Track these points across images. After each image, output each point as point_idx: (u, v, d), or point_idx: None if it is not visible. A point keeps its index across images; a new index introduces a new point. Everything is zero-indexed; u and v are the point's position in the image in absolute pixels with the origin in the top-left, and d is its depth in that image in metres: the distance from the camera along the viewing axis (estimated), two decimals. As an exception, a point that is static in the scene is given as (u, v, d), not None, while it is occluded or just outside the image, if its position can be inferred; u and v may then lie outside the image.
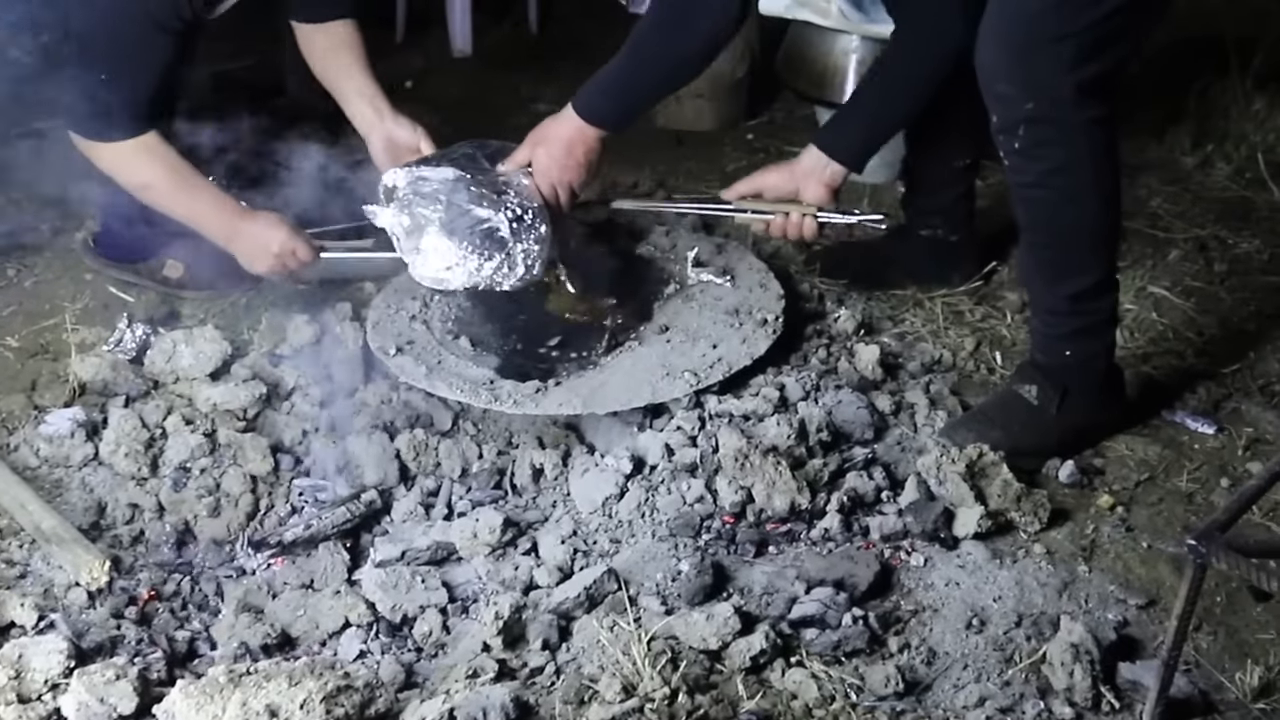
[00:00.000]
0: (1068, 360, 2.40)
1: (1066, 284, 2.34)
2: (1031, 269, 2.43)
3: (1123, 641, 2.02)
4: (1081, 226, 2.30)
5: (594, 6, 4.52)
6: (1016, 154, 2.22)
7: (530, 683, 1.93)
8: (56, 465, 2.41)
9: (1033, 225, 2.34)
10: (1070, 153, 2.21)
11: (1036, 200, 2.29)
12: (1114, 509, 2.32)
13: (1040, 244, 2.36)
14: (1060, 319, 2.38)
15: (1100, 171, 2.26)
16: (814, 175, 2.58)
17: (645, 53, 2.58)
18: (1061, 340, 2.40)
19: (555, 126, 2.61)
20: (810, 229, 2.60)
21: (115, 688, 1.82)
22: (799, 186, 2.59)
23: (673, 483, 2.27)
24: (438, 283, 2.57)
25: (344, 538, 2.25)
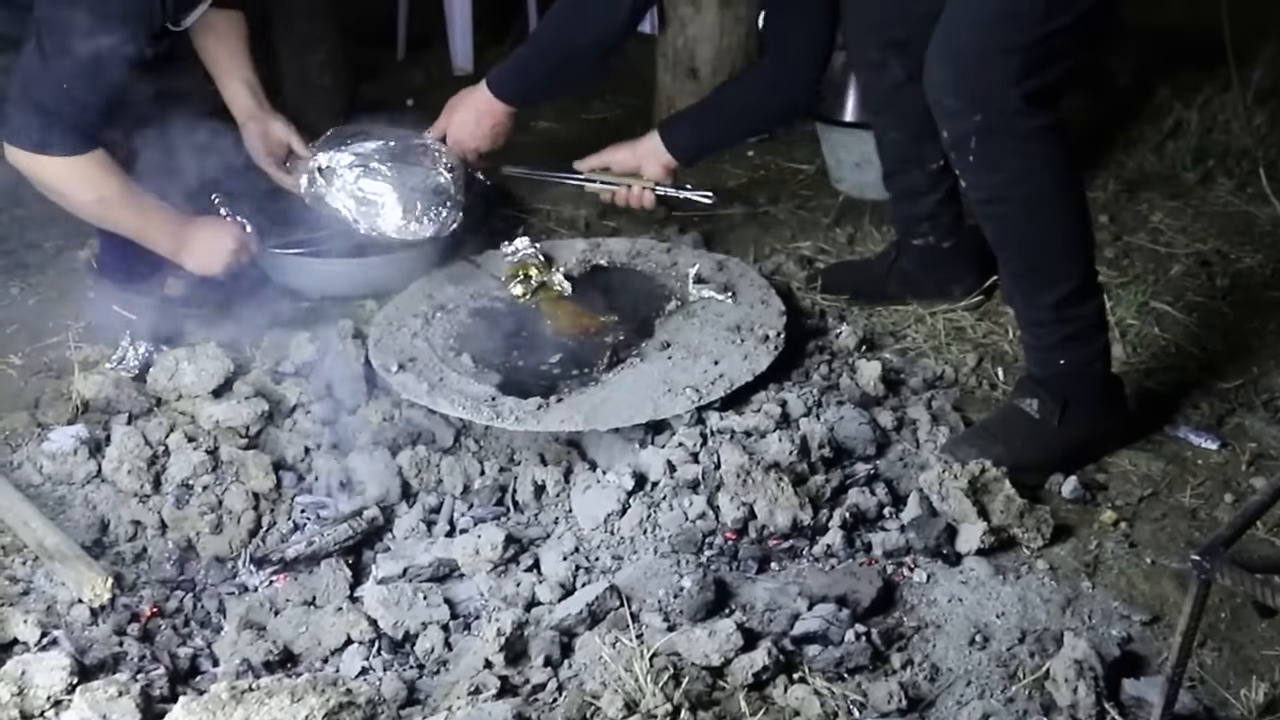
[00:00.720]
0: (1063, 369, 2.40)
1: (1045, 293, 2.35)
2: (1010, 285, 2.43)
3: (1127, 658, 2.02)
4: (1048, 234, 2.31)
5: (595, 25, 4.54)
6: (971, 169, 2.24)
7: (532, 699, 1.92)
8: (60, 482, 2.41)
9: (1000, 241, 2.35)
10: (1022, 162, 2.22)
11: (998, 215, 2.30)
12: (1117, 524, 2.32)
13: (1012, 258, 2.37)
14: (1047, 329, 2.39)
15: (1058, 177, 2.26)
16: (653, 157, 2.89)
17: (544, 43, 2.86)
18: (1052, 350, 2.40)
19: (469, 97, 2.90)
20: (648, 199, 2.92)
21: (118, 704, 1.81)
22: (640, 164, 2.91)
23: (675, 499, 2.27)
24: (404, 233, 2.85)
25: (346, 554, 2.25)
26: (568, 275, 2.90)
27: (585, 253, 3.05)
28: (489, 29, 4.51)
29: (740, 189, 3.59)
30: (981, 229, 2.38)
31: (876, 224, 3.36)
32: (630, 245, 3.09)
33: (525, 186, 3.56)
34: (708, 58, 3.74)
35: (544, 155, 3.71)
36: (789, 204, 3.47)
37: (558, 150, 3.80)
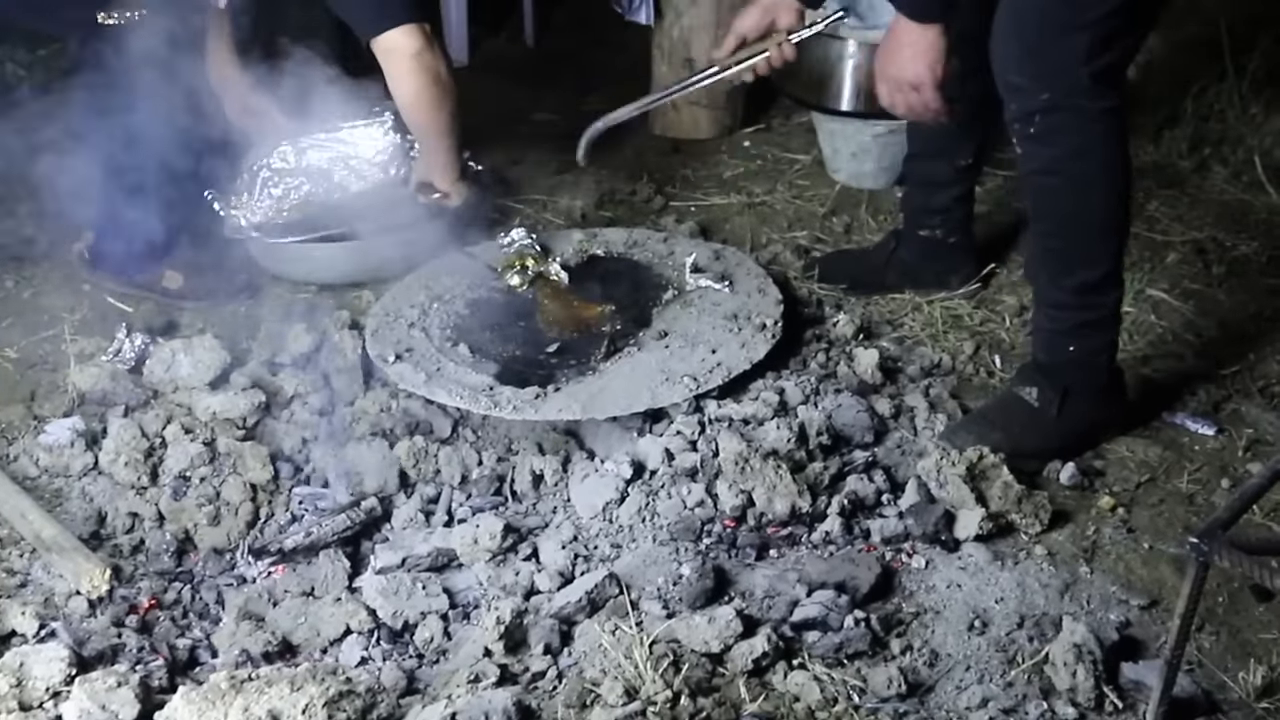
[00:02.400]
0: (1071, 356, 2.40)
1: (1073, 275, 2.35)
2: (1039, 261, 2.43)
3: (1125, 642, 2.02)
4: (1091, 216, 2.31)
5: (589, 17, 4.54)
6: (1030, 140, 2.24)
7: (532, 687, 1.93)
8: (56, 475, 2.41)
9: (1042, 214, 2.34)
10: (1084, 140, 2.22)
11: (1048, 187, 2.29)
12: (1115, 510, 2.32)
13: (1049, 233, 2.36)
14: (1065, 313, 2.38)
15: (1111, 161, 2.27)
16: (780, 4, 2.62)
17: None
18: (1065, 335, 2.40)
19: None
20: (790, 52, 2.63)
21: (117, 695, 1.81)
22: (773, 19, 2.63)
23: (673, 487, 2.27)
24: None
25: (344, 545, 2.25)
26: (564, 265, 2.89)
27: (582, 243, 3.05)
28: (484, 22, 4.50)
29: (736, 179, 3.59)
30: (1023, 199, 2.38)
31: (873, 213, 3.36)
32: (627, 235, 3.09)
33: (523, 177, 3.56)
34: (704, 48, 3.72)
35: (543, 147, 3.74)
36: (786, 193, 3.47)
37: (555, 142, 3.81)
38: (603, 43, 4.50)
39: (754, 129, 3.87)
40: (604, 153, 3.75)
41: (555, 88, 4.21)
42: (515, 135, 3.86)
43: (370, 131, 3.15)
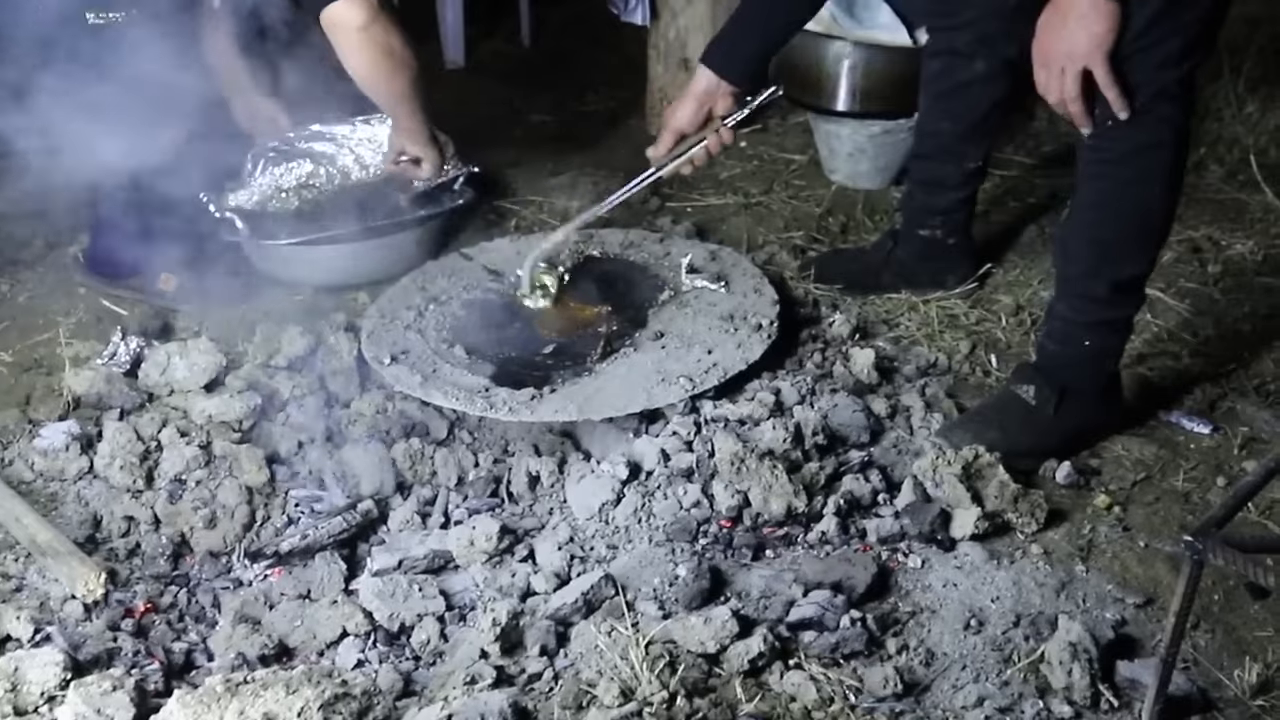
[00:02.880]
0: (1084, 350, 2.41)
1: (1114, 269, 2.34)
2: (1081, 250, 2.38)
3: (1121, 640, 2.02)
4: (1149, 213, 2.30)
5: (586, 19, 4.55)
6: (1110, 131, 2.21)
7: (529, 689, 1.93)
8: (51, 479, 2.41)
9: (1100, 203, 2.32)
10: (1162, 135, 2.21)
11: (1119, 178, 2.26)
12: (1111, 509, 2.32)
13: (1102, 223, 2.33)
14: (1092, 306, 2.38)
15: (1177, 162, 2.27)
16: (716, 94, 2.61)
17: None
18: (1085, 329, 2.40)
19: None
20: (728, 136, 2.65)
21: (112, 699, 1.81)
22: (709, 108, 2.62)
23: (669, 488, 2.27)
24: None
25: (340, 547, 2.25)
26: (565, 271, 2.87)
27: (578, 244, 3.05)
28: (481, 23, 4.51)
29: (733, 179, 3.59)
30: (1083, 183, 2.34)
31: (869, 213, 3.36)
32: (623, 236, 3.09)
33: (519, 178, 3.56)
34: (700, 48, 3.71)
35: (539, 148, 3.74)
36: (782, 194, 3.47)
37: (551, 143, 3.82)
38: (599, 43, 4.51)
39: (750, 130, 3.86)
40: (600, 154, 3.77)
41: (551, 89, 4.23)
42: (511, 136, 3.87)
43: (380, 127, 3.16)
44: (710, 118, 2.62)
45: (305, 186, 3.02)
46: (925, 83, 2.84)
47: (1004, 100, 2.80)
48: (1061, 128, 3.58)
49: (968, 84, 2.75)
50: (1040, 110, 3.70)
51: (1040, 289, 2.97)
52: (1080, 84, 2.15)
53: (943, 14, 2.76)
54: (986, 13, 2.66)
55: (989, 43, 2.68)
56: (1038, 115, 3.72)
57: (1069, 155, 3.53)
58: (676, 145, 2.65)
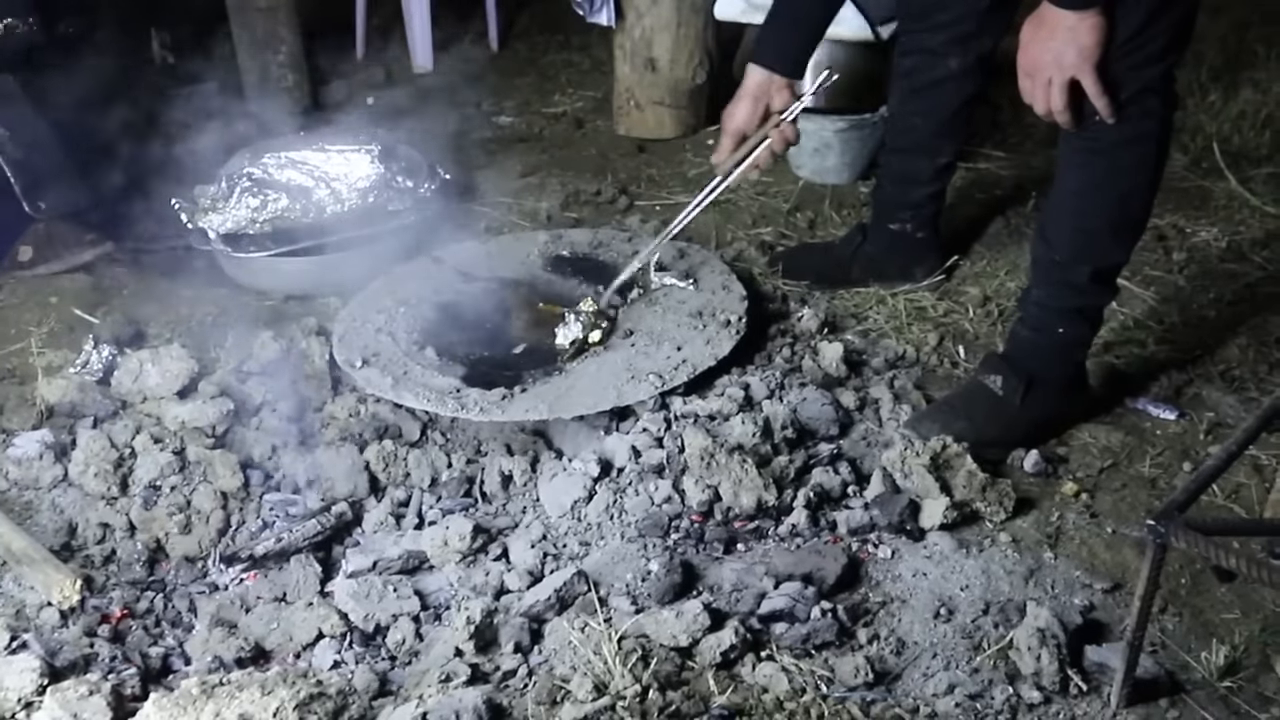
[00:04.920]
0: (1056, 339, 2.43)
1: (1096, 258, 2.37)
2: (1063, 238, 2.39)
3: (1089, 625, 2.05)
4: (1131, 201, 2.33)
5: (553, 22, 4.57)
6: (1094, 124, 2.22)
7: (503, 685, 1.94)
8: (26, 487, 2.41)
9: (1083, 191, 2.33)
10: (1147, 128, 2.23)
11: (1099, 167, 2.28)
12: (1078, 496, 2.35)
13: (1089, 212, 2.34)
14: (1070, 293, 2.40)
15: (1161, 153, 2.30)
16: (771, 87, 2.56)
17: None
18: (1059, 316, 2.42)
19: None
20: (791, 133, 2.58)
21: (89, 703, 1.82)
22: (766, 104, 2.57)
23: (640, 484, 2.28)
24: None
25: (315, 550, 2.26)
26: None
27: (547, 244, 3.06)
28: (448, 27, 4.51)
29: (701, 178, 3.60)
30: (1067, 172, 2.35)
31: (836, 208, 3.38)
32: (592, 235, 3.11)
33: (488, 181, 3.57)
34: (666, 47, 3.76)
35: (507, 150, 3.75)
36: (749, 190, 3.49)
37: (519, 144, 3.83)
38: (566, 45, 4.53)
39: (717, 127, 3.85)
40: (569, 155, 3.79)
41: (519, 91, 4.24)
42: (480, 139, 3.88)
43: (356, 158, 3.13)
44: (768, 115, 2.57)
45: (279, 218, 3.02)
46: (897, 79, 2.85)
47: (976, 96, 2.82)
48: (1026, 119, 3.61)
49: (941, 81, 2.76)
50: (1005, 102, 3.73)
51: (1007, 280, 3.00)
52: (1067, 94, 2.17)
53: (916, 14, 2.76)
54: (960, 13, 2.67)
55: (962, 41, 2.69)
56: (1003, 108, 3.75)
57: (1034, 147, 3.61)
58: (737, 147, 2.60)
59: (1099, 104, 2.17)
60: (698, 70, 3.81)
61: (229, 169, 3.08)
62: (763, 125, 2.57)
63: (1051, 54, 2.14)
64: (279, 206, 3.01)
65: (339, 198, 3.06)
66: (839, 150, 3.44)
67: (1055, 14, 2.12)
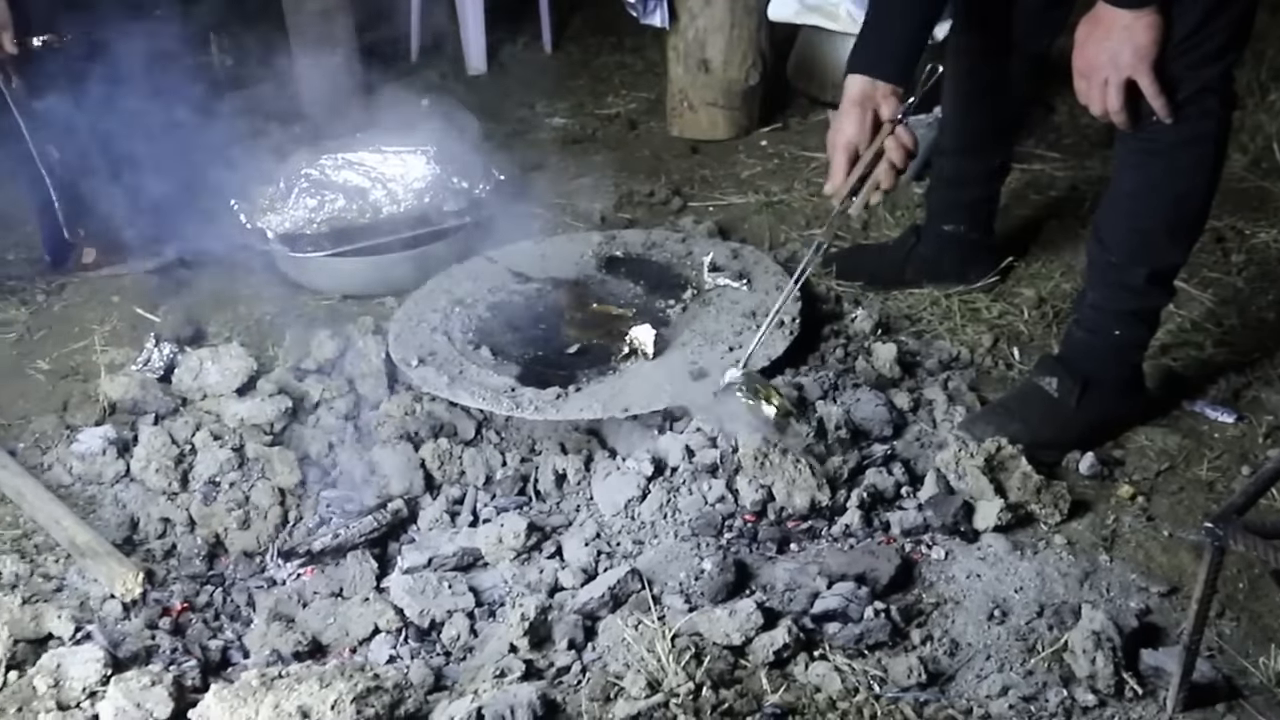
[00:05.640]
0: (1112, 340, 2.41)
1: (1153, 260, 2.35)
2: (1119, 239, 2.36)
3: (1145, 629, 2.03)
4: (1189, 202, 2.30)
5: (606, 24, 4.59)
6: (1152, 124, 2.20)
7: (557, 682, 1.95)
8: (89, 482, 2.46)
9: (1139, 192, 2.31)
10: (1205, 128, 2.21)
11: (1156, 168, 2.26)
12: (1135, 499, 2.33)
13: (1145, 213, 2.32)
14: (1126, 295, 2.38)
15: (1219, 154, 2.27)
16: (875, 95, 2.33)
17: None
18: (1115, 318, 2.40)
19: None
20: (909, 139, 2.33)
21: (151, 693, 1.85)
22: (874, 111, 2.34)
23: (694, 483, 2.29)
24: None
25: (371, 546, 2.28)
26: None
27: (601, 245, 3.08)
28: (502, 29, 4.55)
29: (753, 179, 3.61)
30: (1123, 173, 2.33)
31: (890, 209, 3.37)
32: (646, 236, 3.12)
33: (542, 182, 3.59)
34: (719, 48, 3.77)
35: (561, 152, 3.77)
36: (803, 191, 3.49)
37: (573, 145, 3.85)
38: (619, 47, 4.55)
39: (771, 128, 3.90)
40: (622, 156, 3.80)
41: (573, 92, 4.26)
42: (534, 140, 3.90)
43: (412, 159, 3.19)
44: (878, 125, 2.34)
45: (336, 219, 3.06)
46: (951, 80, 2.79)
47: (1031, 98, 2.80)
48: (1082, 120, 3.58)
49: (995, 83, 2.74)
50: (1060, 103, 3.70)
51: (1062, 281, 2.98)
52: (1124, 95, 2.14)
53: (971, 14, 2.75)
54: (1017, 14, 2.65)
55: (1018, 42, 2.68)
56: (1058, 108, 3.72)
57: (1089, 148, 3.59)
58: (851, 167, 2.35)
59: (1156, 104, 2.15)
60: (751, 71, 3.81)
61: (287, 170, 3.12)
62: (874, 139, 2.33)
63: (1107, 54, 2.13)
64: (336, 207, 3.06)
65: (395, 198, 3.10)
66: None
67: (1111, 13, 2.11)
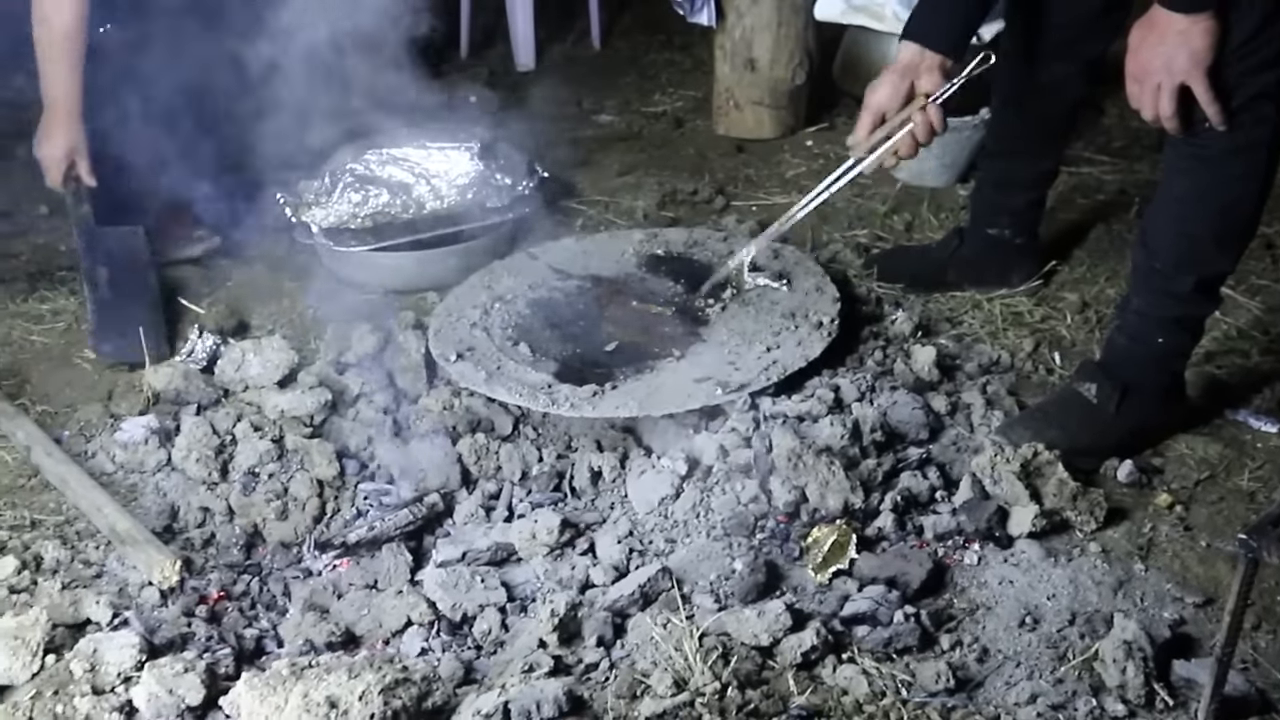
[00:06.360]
0: (1155, 348, 2.39)
1: (1199, 267, 2.32)
2: (1166, 245, 2.33)
3: (1178, 639, 2.02)
4: (1239, 209, 2.27)
5: (655, 21, 4.59)
6: (1204, 130, 2.17)
7: (585, 678, 1.97)
8: (132, 470, 2.50)
9: (1189, 198, 2.28)
10: (1259, 135, 2.18)
11: (1207, 174, 2.23)
12: (1173, 508, 2.31)
13: (1195, 218, 2.29)
14: (1170, 302, 2.35)
15: (1272, 161, 2.24)
16: (920, 65, 2.40)
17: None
18: (1159, 326, 2.38)
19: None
20: (937, 118, 2.41)
21: (184, 680, 1.88)
22: (912, 83, 2.41)
23: (727, 483, 2.29)
24: None
25: (407, 539, 2.30)
26: None
27: (642, 243, 3.08)
28: (551, 26, 4.56)
29: (799, 179, 3.60)
30: (1172, 178, 2.30)
31: (934, 211, 3.35)
32: (687, 235, 3.12)
33: (586, 179, 3.61)
34: (766, 47, 3.76)
35: (606, 149, 3.78)
36: (847, 192, 3.47)
37: (618, 143, 3.85)
38: (668, 44, 4.55)
39: (817, 128, 3.89)
40: (667, 154, 3.81)
41: (620, 90, 4.27)
42: (579, 138, 3.91)
43: (456, 155, 3.20)
44: (913, 95, 2.41)
45: (380, 214, 3.09)
46: (1001, 82, 2.78)
47: (1082, 102, 2.77)
48: (1132, 123, 3.54)
49: (1046, 86, 2.71)
50: (1110, 105, 3.66)
51: (1107, 286, 2.96)
52: (1177, 100, 2.12)
53: (1023, 16, 2.71)
54: (1070, 17, 2.62)
55: (1070, 45, 2.65)
56: (1108, 110, 3.69)
57: (1140, 151, 3.54)
58: (876, 127, 2.44)
59: (1210, 111, 2.12)
60: (797, 70, 3.80)
61: (332, 164, 3.15)
62: (906, 106, 2.42)
63: (1162, 58, 2.10)
64: (380, 202, 3.08)
65: (438, 194, 3.12)
66: (938, 152, 3.40)
67: (1167, 17, 2.08)
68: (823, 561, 2.14)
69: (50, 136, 2.89)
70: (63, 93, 2.84)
